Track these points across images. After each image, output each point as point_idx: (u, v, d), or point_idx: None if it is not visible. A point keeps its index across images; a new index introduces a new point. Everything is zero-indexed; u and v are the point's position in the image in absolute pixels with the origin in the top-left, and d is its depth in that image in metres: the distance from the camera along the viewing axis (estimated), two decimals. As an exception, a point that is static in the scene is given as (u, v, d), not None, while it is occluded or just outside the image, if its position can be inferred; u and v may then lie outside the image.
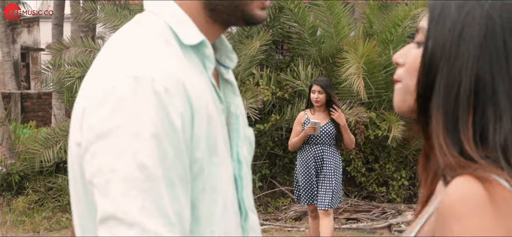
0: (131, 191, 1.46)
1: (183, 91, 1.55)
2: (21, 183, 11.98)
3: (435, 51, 1.44)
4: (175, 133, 1.51)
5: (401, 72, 1.57)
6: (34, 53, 28.42)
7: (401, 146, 11.51)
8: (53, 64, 12.92)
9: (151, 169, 1.48)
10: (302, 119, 8.11)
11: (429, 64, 1.45)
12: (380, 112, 11.43)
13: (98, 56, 1.66)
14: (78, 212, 1.67)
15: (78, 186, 1.64)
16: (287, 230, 10.42)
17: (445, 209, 1.35)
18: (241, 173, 1.75)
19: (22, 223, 10.83)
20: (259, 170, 11.84)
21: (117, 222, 1.46)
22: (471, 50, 1.42)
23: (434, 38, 1.45)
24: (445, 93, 1.43)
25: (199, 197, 1.60)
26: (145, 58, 1.57)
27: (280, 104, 11.82)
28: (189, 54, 1.67)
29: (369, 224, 10.64)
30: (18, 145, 12.90)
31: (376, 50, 11.17)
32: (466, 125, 1.41)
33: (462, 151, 1.40)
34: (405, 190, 11.75)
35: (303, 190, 8.09)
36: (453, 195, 1.35)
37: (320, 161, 8.04)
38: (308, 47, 12.50)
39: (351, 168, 11.56)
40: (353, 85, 10.51)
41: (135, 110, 1.49)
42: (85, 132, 1.55)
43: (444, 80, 1.43)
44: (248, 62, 11.69)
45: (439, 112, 1.43)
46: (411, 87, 1.51)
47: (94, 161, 1.52)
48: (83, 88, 1.63)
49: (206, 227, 1.62)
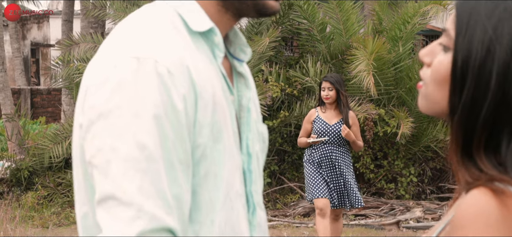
0: (130, 170, 1.45)
1: (187, 75, 1.54)
2: (30, 178, 12.01)
3: (462, 66, 1.42)
4: (176, 115, 1.50)
5: (426, 75, 1.51)
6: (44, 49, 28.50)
7: (410, 143, 11.49)
8: (63, 60, 12.96)
9: (151, 150, 1.47)
10: (312, 117, 7.92)
11: (458, 80, 1.42)
12: (389, 108, 11.41)
13: (105, 40, 1.66)
14: (79, 198, 1.66)
15: (79, 171, 1.63)
16: (295, 226, 10.42)
17: (457, 221, 1.36)
18: (250, 167, 1.72)
19: (31, 218, 10.86)
20: (268, 166, 11.84)
21: (116, 202, 1.45)
22: (498, 68, 1.39)
23: (462, 52, 1.42)
24: (469, 111, 1.41)
25: (200, 183, 1.58)
26: (149, 40, 1.56)
27: (289, 101, 11.82)
28: (198, 41, 1.65)
29: (377, 220, 10.64)
30: (27, 141, 12.92)
31: (385, 47, 11.15)
32: (479, 142, 1.40)
33: (477, 166, 1.40)
34: (413, 187, 11.73)
35: (312, 184, 7.80)
36: (466, 208, 1.35)
37: (329, 161, 7.82)
38: (317, 43, 12.48)
39: (360, 165, 11.55)
40: (362, 82, 10.49)
41: (136, 90, 1.49)
42: (86, 112, 1.54)
43: (469, 97, 1.41)
44: (257, 59, 11.68)
45: (459, 129, 1.42)
46: (435, 97, 1.48)
47: (95, 141, 1.51)
48: (88, 69, 1.62)
49: (206, 215, 1.59)
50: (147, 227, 1.44)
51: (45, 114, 21.92)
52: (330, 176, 7.81)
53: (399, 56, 11.69)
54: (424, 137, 11.51)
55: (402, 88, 11.65)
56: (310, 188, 7.84)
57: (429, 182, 11.98)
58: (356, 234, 9.75)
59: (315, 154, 7.84)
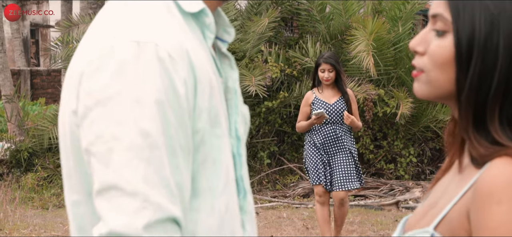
0: (134, 159, 1.41)
1: (187, 59, 1.50)
2: (30, 160, 12.02)
3: (467, 46, 1.42)
4: (178, 100, 1.46)
5: (424, 62, 1.50)
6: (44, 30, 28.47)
7: (409, 123, 11.49)
8: (62, 41, 12.93)
9: (154, 137, 1.42)
10: (309, 100, 7.60)
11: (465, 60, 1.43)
12: (388, 89, 11.40)
13: (96, 21, 1.60)
14: (68, 184, 1.60)
15: (70, 158, 1.57)
16: (295, 207, 10.43)
17: (485, 190, 1.36)
18: (239, 151, 1.67)
19: (31, 199, 10.88)
20: (268, 147, 11.84)
21: (119, 192, 1.41)
22: (504, 38, 1.40)
23: (463, 31, 1.43)
24: (478, 87, 1.42)
25: (199, 169, 1.54)
26: (148, 24, 1.52)
27: (289, 81, 11.80)
28: (190, 23, 1.61)
29: (377, 200, 10.65)
30: (27, 122, 12.93)
31: (385, 27, 11.13)
32: (493, 114, 1.41)
33: (491, 139, 1.40)
34: (413, 167, 11.74)
35: (311, 170, 7.57)
36: (494, 177, 1.36)
37: (332, 141, 7.52)
38: (317, 24, 12.46)
39: (359, 145, 11.55)
40: (362, 62, 10.48)
41: (137, 75, 1.44)
42: (83, 98, 1.48)
43: (477, 73, 1.41)
44: (256, 39, 11.67)
45: (469, 105, 1.43)
46: (439, 81, 1.47)
47: (93, 129, 1.45)
48: (79, 52, 1.56)
49: (205, 201, 1.55)
50: (153, 217, 1.40)
51: (45, 95, 21.91)
52: (333, 156, 7.53)
53: (399, 36, 11.67)
54: (423, 118, 11.51)
55: (402, 68, 11.63)
56: (310, 173, 7.64)
57: (429, 162, 11.99)
58: (356, 215, 9.76)
59: (318, 136, 7.54)
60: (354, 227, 9.00)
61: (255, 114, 11.73)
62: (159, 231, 1.41)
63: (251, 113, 11.67)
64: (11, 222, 9.20)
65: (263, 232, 8.79)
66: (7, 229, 8.81)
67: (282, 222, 9.39)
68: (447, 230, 1.44)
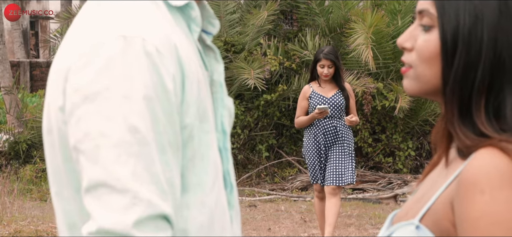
0: (122, 156, 1.39)
1: (175, 53, 1.47)
2: (28, 151, 12.03)
3: (452, 38, 1.43)
4: (167, 96, 1.44)
5: (412, 58, 1.51)
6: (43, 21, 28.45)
7: (408, 117, 11.50)
8: (61, 33, 12.93)
9: (143, 133, 1.40)
10: (307, 94, 7.49)
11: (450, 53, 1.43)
12: (387, 82, 11.41)
13: (80, 16, 1.57)
14: (56, 181, 1.57)
15: (56, 154, 1.54)
16: (293, 200, 10.44)
17: (468, 181, 1.36)
18: (225, 145, 1.65)
19: (29, 191, 10.89)
20: (266, 140, 11.85)
21: (108, 189, 1.38)
22: (488, 31, 1.41)
23: (448, 24, 1.43)
24: (462, 79, 1.42)
25: (188, 165, 1.51)
26: (135, 18, 1.49)
27: (288, 74, 11.81)
28: (176, 17, 1.59)
29: (375, 194, 10.67)
30: (26, 114, 12.93)
31: (384, 20, 11.14)
32: (479, 106, 1.41)
33: (477, 131, 1.41)
34: (411, 161, 11.75)
35: (311, 168, 7.51)
36: (477, 167, 1.36)
37: (332, 136, 7.44)
38: (316, 17, 12.45)
39: (358, 139, 11.55)
40: (361, 56, 10.48)
41: (125, 71, 1.41)
42: (69, 94, 1.45)
43: (462, 66, 1.42)
44: (255, 32, 11.68)
45: (454, 98, 1.43)
46: (426, 76, 1.48)
47: (81, 126, 1.42)
48: (65, 47, 1.53)
49: (195, 197, 1.52)
50: (144, 214, 1.38)
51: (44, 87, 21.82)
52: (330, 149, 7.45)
53: (398, 29, 11.66)
54: (422, 111, 11.52)
55: (401, 61, 11.62)
56: (309, 170, 7.60)
57: (427, 156, 11.99)
58: (354, 208, 9.77)
59: (317, 131, 7.45)
60: (352, 221, 9.01)
61: (253, 107, 11.74)
62: (150, 228, 1.39)
63: (249, 106, 11.69)
64: (10, 213, 9.21)
65: (261, 225, 8.80)
66: (5, 220, 8.82)
67: (280, 215, 9.40)
68: (432, 221, 1.44)
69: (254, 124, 11.80)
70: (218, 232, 1.58)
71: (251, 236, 8.23)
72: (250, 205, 10.03)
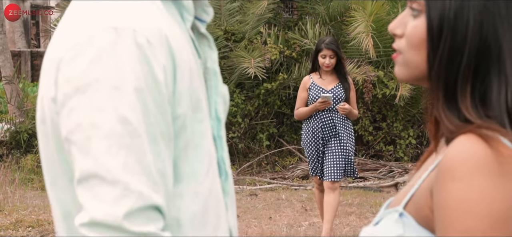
0: (113, 147, 1.39)
1: (166, 44, 1.47)
2: (29, 141, 12.04)
3: (437, 22, 1.42)
4: (158, 87, 1.44)
5: (402, 44, 1.51)
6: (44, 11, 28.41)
7: (408, 105, 11.50)
8: (62, 23, 12.91)
9: (134, 124, 1.40)
10: (307, 84, 7.39)
11: (435, 37, 1.43)
12: (388, 70, 11.41)
13: (73, 6, 1.57)
14: (51, 171, 1.58)
15: (50, 144, 1.54)
16: (294, 188, 10.46)
17: (445, 167, 1.35)
18: (220, 133, 1.66)
19: (30, 181, 10.91)
20: (267, 129, 11.86)
21: (99, 181, 1.39)
22: (474, 16, 1.40)
23: (434, 8, 1.43)
24: (448, 63, 1.41)
25: (181, 155, 1.52)
26: (126, 9, 1.49)
27: (288, 63, 11.81)
28: (168, 6, 1.59)
29: (376, 182, 10.68)
30: (27, 103, 12.94)
31: (384, 8, 11.13)
32: (464, 92, 1.40)
33: (462, 117, 1.40)
34: (412, 149, 11.76)
35: (310, 160, 7.46)
36: (454, 154, 1.35)
37: (330, 129, 7.34)
38: (316, 5, 12.45)
39: (359, 127, 11.56)
40: (361, 44, 10.48)
41: (116, 62, 1.41)
42: (61, 85, 1.46)
43: (447, 50, 1.41)
44: (255, 21, 11.67)
45: (439, 83, 1.43)
46: (414, 61, 1.48)
47: (72, 117, 1.43)
48: (56, 39, 1.53)
49: (188, 186, 1.53)
50: (135, 205, 1.39)
51: (45, 77, 21.87)
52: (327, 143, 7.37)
53: (398, 18, 11.64)
54: (423, 99, 11.47)
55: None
56: (309, 163, 7.55)
57: (428, 144, 11.97)
58: (354, 197, 9.78)
59: (315, 125, 7.36)
60: (352, 209, 9.02)
61: (254, 96, 11.74)
62: (141, 219, 1.40)
63: (250, 95, 11.69)
64: (11, 203, 9.23)
65: (262, 214, 8.81)
66: (6, 210, 8.84)
67: (281, 204, 9.41)
68: (415, 208, 1.44)
69: (254, 113, 11.81)
70: (213, 220, 1.59)
71: (252, 225, 8.25)
72: (251, 194, 10.04)
